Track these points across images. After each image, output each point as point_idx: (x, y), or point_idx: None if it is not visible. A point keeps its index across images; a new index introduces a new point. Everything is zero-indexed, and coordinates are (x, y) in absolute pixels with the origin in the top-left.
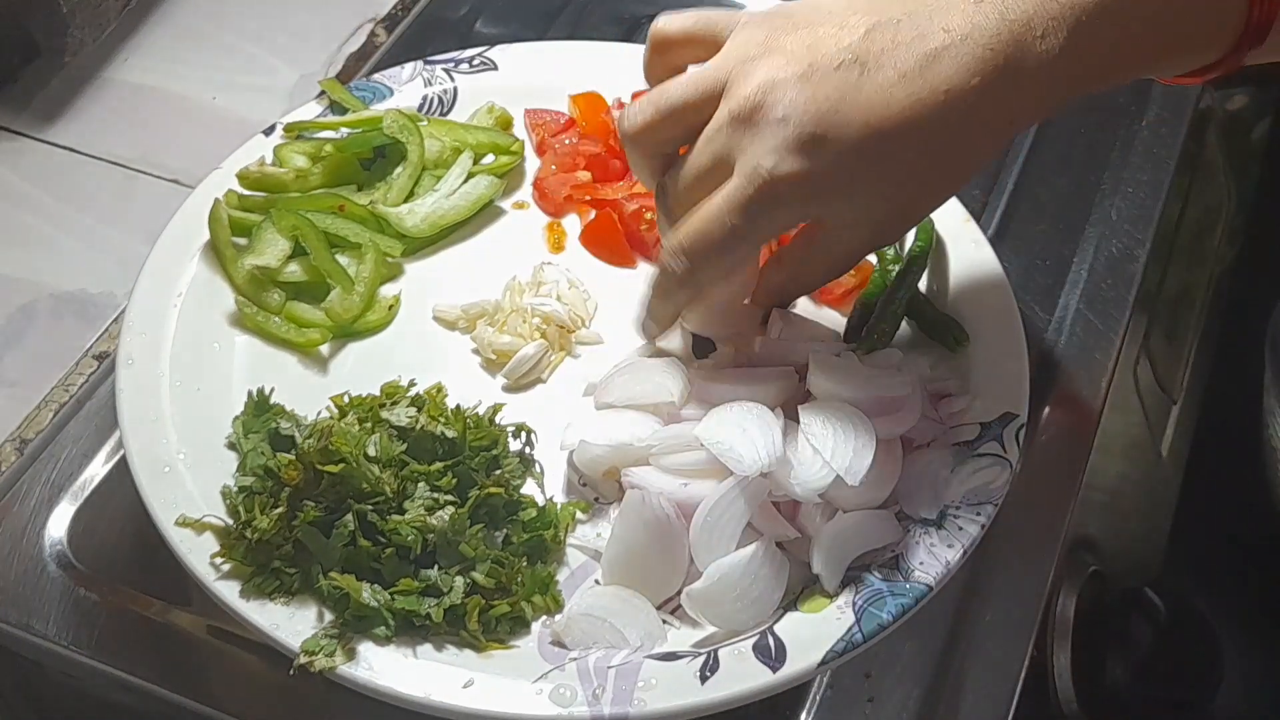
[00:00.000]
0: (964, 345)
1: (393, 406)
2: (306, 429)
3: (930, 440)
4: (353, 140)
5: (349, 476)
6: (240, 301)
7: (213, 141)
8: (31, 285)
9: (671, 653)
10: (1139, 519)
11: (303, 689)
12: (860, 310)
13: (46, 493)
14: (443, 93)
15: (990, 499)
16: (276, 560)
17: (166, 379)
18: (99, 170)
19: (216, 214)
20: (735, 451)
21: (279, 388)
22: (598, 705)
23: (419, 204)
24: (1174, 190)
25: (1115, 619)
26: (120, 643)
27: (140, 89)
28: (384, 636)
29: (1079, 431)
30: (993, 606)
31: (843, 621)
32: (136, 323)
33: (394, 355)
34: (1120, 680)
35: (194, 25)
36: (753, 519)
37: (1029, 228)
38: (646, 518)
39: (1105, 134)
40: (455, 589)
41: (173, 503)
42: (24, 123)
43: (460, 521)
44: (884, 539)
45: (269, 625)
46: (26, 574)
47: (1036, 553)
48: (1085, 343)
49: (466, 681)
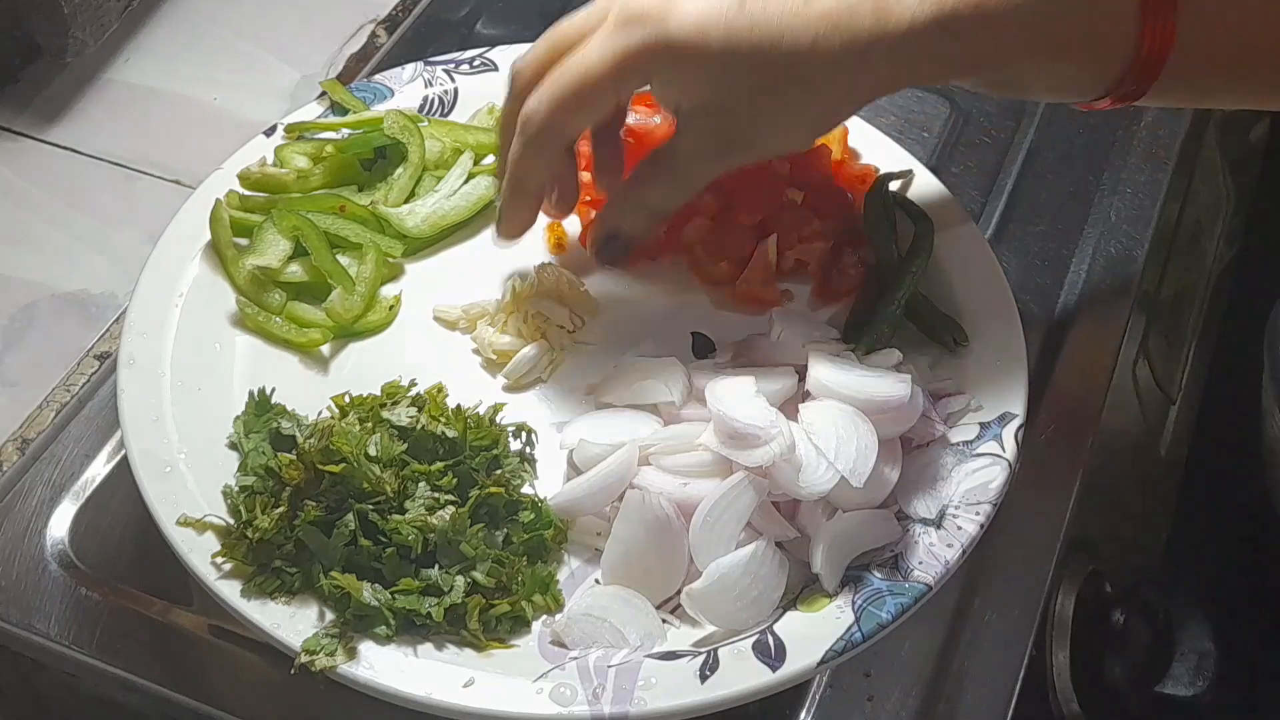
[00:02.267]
0: (963, 345)
1: (393, 406)
2: (307, 429)
3: (929, 440)
4: (354, 141)
5: (350, 476)
6: (241, 302)
7: (214, 142)
8: (33, 285)
9: (671, 652)
10: (1138, 518)
11: (303, 688)
12: (860, 310)
13: (48, 492)
14: (443, 93)
15: (989, 499)
16: (277, 560)
17: (168, 379)
18: (100, 171)
19: (218, 214)
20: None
21: (280, 388)
22: (598, 704)
23: (420, 204)
24: (1173, 191)
25: (1114, 618)
26: (122, 642)
27: (142, 90)
28: (385, 636)
29: (1078, 431)
30: (992, 606)
31: (842, 621)
32: (138, 323)
33: (395, 355)
34: (1119, 679)
35: (195, 26)
36: (752, 519)
37: (1028, 228)
38: (646, 518)
39: (1104, 134)
40: (456, 588)
41: (174, 502)
42: (25, 123)
43: (461, 521)
44: (883, 538)
45: (270, 624)
46: (28, 573)
47: (1035, 552)
48: (1084, 343)
49: (467, 681)
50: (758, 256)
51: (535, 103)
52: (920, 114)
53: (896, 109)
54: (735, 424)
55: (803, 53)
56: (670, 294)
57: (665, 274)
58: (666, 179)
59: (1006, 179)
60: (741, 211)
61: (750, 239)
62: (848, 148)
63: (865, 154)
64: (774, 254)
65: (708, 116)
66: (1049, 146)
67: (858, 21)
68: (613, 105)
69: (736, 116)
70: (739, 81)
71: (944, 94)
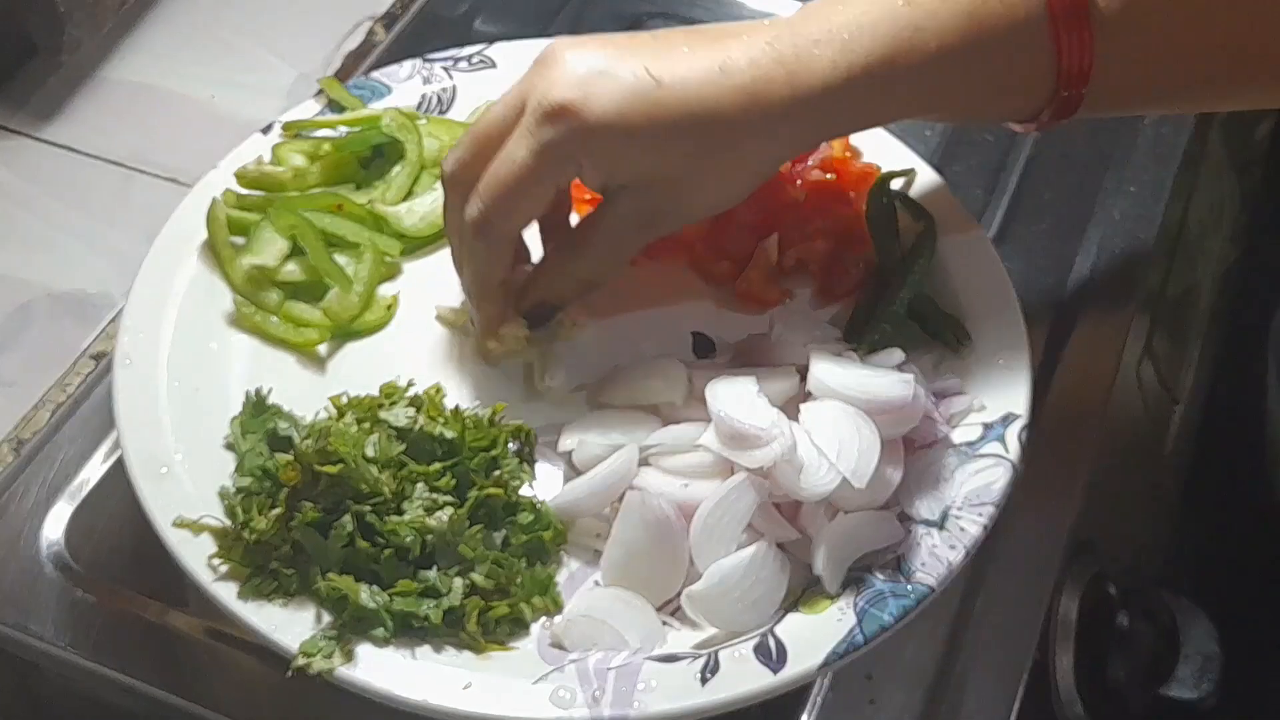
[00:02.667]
0: (966, 345)
1: (391, 407)
2: (305, 429)
3: (932, 441)
4: (351, 139)
5: (347, 477)
6: (238, 301)
7: (210, 140)
8: (28, 285)
9: (672, 654)
10: (1142, 520)
11: (301, 690)
12: (861, 310)
13: (43, 493)
14: (441, 91)
15: (992, 500)
16: (274, 561)
17: (164, 379)
18: (96, 169)
19: (214, 213)
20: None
21: (277, 388)
22: (597, 707)
23: (417, 203)
24: (1177, 190)
25: (1118, 620)
26: (117, 644)
27: (137, 88)
28: (382, 638)
29: (1082, 432)
30: (995, 608)
31: (844, 623)
32: (134, 322)
33: (392, 355)
34: (1123, 682)
35: (192, 24)
36: (753, 520)
37: (1031, 227)
38: (647, 518)
39: (1108, 133)
40: (454, 590)
41: (170, 503)
42: (20, 121)
43: (459, 522)
44: (886, 540)
45: (267, 626)
46: (23, 575)
47: (1039, 553)
48: (1088, 343)
49: (465, 683)
50: (758, 256)
51: (474, 209)
52: None
53: None
54: (736, 425)
55: (725, 122)
56: (670, 294)
57: (665, 274)
58: (597, 252)
59: (1010, 178)
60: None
61: (750, 239)
62: (849, 146)
63: (867, 153)
64: (775, 253)
65: (637, 192)
66: (1052, 145)
67: (774, 89)
68: (550, 197)
69: (665, 188)
70: (667, 155)
71: None
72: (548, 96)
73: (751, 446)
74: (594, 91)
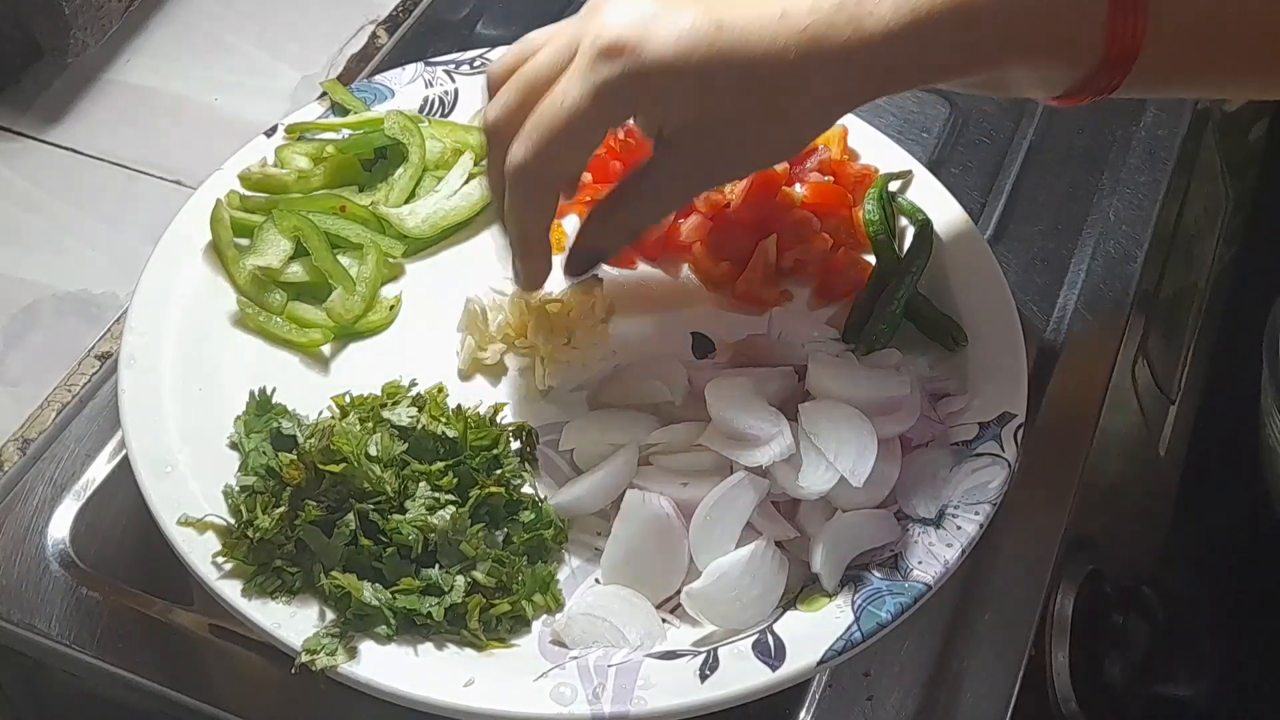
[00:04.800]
0: (962, 345)
1: (394, 406)
2: (308, 429)
3: (929, 440)
4: (354, 141)
5: (350, 476)
6: (242, 302)
7: (214, 143)
8: (34, 286)
9: (671, 651)
10: (1137, 518)
11: (304, 688)
12: (859, 310)
13: (49, 492)
14: (444, 94)
15: (989, 498)
16: (278, 559)
17: (169, 379)
18: (101, 171)
19: (218, 215)
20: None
21: (281, 388)
22: (598, 704)
23: (420, 205)
24: (1172, 191)
25: (1113, 618)
26: (122, 641)
27: (143, 90)
28: (385, 635)
29: (1077, 431)
30: (991, 605)
31: (842, 620)
32: (139, 323)
33: (395, 355)
34: (1118, 679)
35: (196, 27)
36: (752, 518)
37: (1027, 228)
38: (646, 517)
39: (1103, 134)
40: (456, 588)
41: (175, 502)
42: (27, 124)
43: (461, 521)
44: (883, 538)
45: (271, 624)
46: (29, 573)
47: (1035, 552)
48: (1083, 343)
49: (467, 680)
50: (758, 256)
51: (522, 153)
52: (920, 114)
53: (896, 109)
54: (735, 424)
55: (786, 67)
56: (670, 294)
57: (665, 274)
58: (649, 201)
59: (1006, 179)
60: (741, 212)
61: (750, 239)
62: (847, 148)
63: (865, 154)
64: (774, 254)
65: (694, 138)
66: (1048, 147)
67: (836, 34)
68: (599, 143)
69: (723, 134)
70: (725, 100)
71: (943, 94)
72: (604, 34)
73: (750, 445)
74: (653, 30)
